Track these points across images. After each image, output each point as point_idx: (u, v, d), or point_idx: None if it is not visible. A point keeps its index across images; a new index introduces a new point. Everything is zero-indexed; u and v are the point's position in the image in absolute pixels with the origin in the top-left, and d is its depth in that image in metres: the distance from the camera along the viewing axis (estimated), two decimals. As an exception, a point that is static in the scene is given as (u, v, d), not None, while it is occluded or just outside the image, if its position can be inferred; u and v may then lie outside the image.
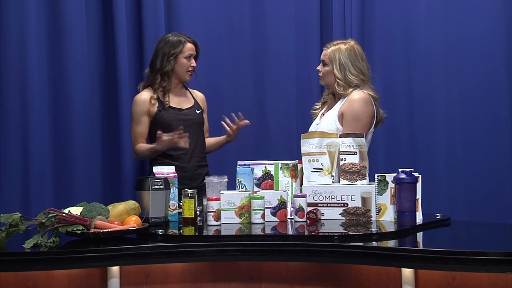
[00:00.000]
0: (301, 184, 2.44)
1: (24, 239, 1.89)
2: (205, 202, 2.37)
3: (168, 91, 3.00)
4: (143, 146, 2.98)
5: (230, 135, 3.06)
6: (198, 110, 3.07)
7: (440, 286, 1.84)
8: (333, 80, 2.70)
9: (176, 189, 2.39)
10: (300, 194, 2.33)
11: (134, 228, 2.03)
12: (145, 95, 2.99)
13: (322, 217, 2.32)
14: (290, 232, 2.17)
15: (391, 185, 2.24)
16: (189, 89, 3.14)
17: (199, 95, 3.17)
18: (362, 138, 2.41)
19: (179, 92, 3.07)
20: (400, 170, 2.18)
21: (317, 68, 2.79)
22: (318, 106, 2.86)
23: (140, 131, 2.99)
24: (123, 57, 3.26)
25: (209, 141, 3.15)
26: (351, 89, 2.65)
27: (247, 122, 3.03)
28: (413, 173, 2.16)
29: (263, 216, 2.27)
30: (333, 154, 2.45)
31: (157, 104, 2.97)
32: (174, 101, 3.02)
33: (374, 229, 2.12)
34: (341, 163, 2.41)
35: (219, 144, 3.14)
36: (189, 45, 3.00)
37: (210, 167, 3.12)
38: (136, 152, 3.02)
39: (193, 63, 3.02)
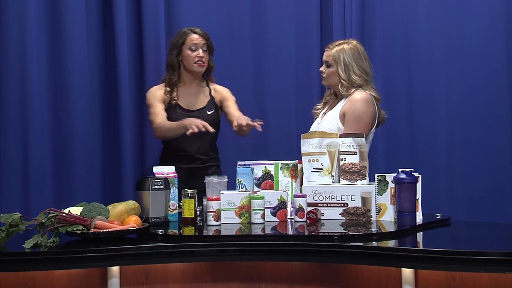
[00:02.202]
0: (301, 184, 2.44)
1: (24, 239, 1.89)
2: (205, 202, 2.37)
3: (175, 85, 2.98)
4: (166, 122, 2.89)
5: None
6: (209, 111, 3.01)
7: (440, 286, 1.84)
8: (337, 81, 2.69)
9: (176, 189, 2.39)
10: (300, 194, 2.33)
11: (134, 228, 2.03)
12: (158, 88, 3.01)
13: (322, 217, 2.32)
14: (290, 232, 2.17)
15: (391, 185, 2.24)
16: (210, 84, 3.08)
17: (219, 89, 3.08)
18: (362, 138, 2.41)
19: (194, 90, 3.03)
20: (400, 170, 2.18)
21: (320, 69, 2.77)
22: (319, 106, 2.86)
23: (159, 109, 2.93)
24: (123, 57, 3.26)
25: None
26: (354, 89, 2.65)
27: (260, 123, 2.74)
28: (413, 173, 2.16)
29: (263, 216, 2.28)
30: (333, 154, 2.45)
31: (168, 100, 2.97)
32: (185, 101, 2.99)
33: (374, 229, 2.12)
34: (341, 163, 2.41)
35: (239, 130, 2.85)
36: (192, 36, 2.97)
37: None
38: (158, 127, 2.90)
39: (200, 53, 2.96)
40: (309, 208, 2.31)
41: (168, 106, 2.97)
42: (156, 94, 2.99)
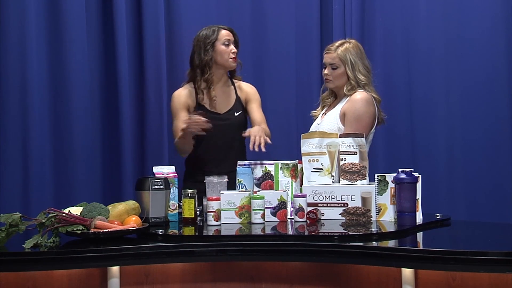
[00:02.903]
0: (301, 184, 2.44)
1: (24, 239, 1.89)
2: (205, 202, 2.37)
3: (212, 83, 2.90)
4: (177, 138, 2.83)
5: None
6: (236, 113, 2.95)
7: (440, 286, 1.84)
8: (344, 82, 2.68)
9: (176, 189, 2.39)
10: (300, 194, 2.33)
11: (134, 228, 2.03)
12: (183, 91, 2.94)
13: (322, 217, 2.32)
14: (290, 232, 2.17)
15: (391, 185, 2.24)
16: (235, 83, 3.02)
17: (244, 88, 3.02)
18: (362, 138, 2.41)
19: (221, 90, 2.96)
20: (400, 170, 2.18)
21: (325, 72, 2.73)
22: (318, 112, 2.85)
23: (180, 126, 2.84)
24: (123, 57, 3.26)
25: None
26: (356, 89, 2.65)
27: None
28: (413, 173, 2.16)
29: (263, 216, 2.28)
30: (333, 154, 2.45)
31: (194, 104, 2.90)
32: (213, 104, 2.93)
33: (374, 229, 2.12)
34: (341, 163, 2.41)
35: None
36: (223, 32, 2.92)
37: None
38: (176, 145, 2.88)
39: (233, 49, 2.92)
40: (309, 208, 2.31)
41: (195, 108, 2.89)
42: (181, 100, 2.91)
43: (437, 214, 2.38)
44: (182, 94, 2.94)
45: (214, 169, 2.81)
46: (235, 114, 2.96)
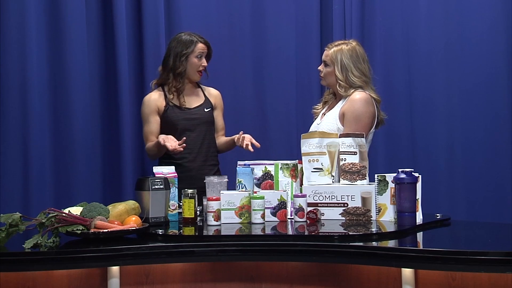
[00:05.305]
0: (301, 184, 2.44)
1: (24, 239, 1.89)
2: (205, 202, 2.37)
3: (182, 91, 2.97)
4: (150, 143, 2.93)
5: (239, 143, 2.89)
6: (207, 109, 3.01)
7: (440, 286, 1.84)
8: (335, 81, 2.70)
9: (176, 189, 2.39)
10: (300, 194, 2.33)
11: (134, 228, 2.03)
12: (153, 95, 2.98)
13: (322, 217, 2.32)
14: (290, 232, 2.17)
15: (391, 185, 2.24)
16: (202, 86, 3.08)
17: (212, 92, 3.10)
18: (362, 138, 2.41)
19: (189, 90, 3.03)
20: (400, 170, 2.18)
21: (319, 68, 2.77)
22: (319, 106, 2.86)
23: (150, 130, 2.94)
24: (123, 57, 3.27)
25: (220, 140, 3.06)
26: (353, 90, 2.65)
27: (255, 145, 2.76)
28: (413, 173, 2.16)
29: (263, 216, 2.27)
30: (333, 154, 2.45)
31: (164, 103, 2.95)
32: (182, 101, 2.98)
33: (374, 229, 2.12)
34: (341, 163, 2.41)
35: (228, 143, 3.01)
36: (200, 45, 2.97)
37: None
38: (146, 150, 2.98)
39: (204, 62, 2.98)
40: (309, 208, 2.31)
41: (165, 108, 2.95)
42: (151, 104, 2.95)
43: (437, 214, 2.38)
44: (152, 99, 2.97)
45: (187, 163, 2.90)
46: (205, 110, 3.01)
